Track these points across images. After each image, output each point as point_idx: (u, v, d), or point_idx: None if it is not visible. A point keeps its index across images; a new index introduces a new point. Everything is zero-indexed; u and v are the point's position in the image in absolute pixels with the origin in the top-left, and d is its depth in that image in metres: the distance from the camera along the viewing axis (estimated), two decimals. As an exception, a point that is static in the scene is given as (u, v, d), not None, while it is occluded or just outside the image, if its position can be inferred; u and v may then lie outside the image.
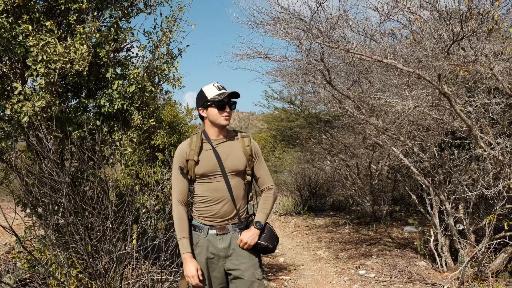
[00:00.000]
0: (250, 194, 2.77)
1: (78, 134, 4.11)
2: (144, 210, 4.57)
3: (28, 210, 4.26)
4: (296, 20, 4.64)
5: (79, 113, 4.32)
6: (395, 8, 4.41)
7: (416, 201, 6.32)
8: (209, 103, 2.62)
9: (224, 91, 2.62)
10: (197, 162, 2.60)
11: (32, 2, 4.05)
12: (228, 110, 2.61)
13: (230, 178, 2.62)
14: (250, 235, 2.61)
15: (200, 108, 2.68)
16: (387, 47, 4.49)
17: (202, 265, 2.60)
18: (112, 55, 4.48)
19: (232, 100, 2.66)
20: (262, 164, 2.78)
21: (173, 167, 2.67)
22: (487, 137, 4.52)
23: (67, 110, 4.36)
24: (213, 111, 2.62)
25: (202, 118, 2.72)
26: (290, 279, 5.89)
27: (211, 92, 2.62)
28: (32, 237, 4.40)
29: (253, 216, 2.74)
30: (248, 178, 2.72)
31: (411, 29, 4.52)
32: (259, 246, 2.64)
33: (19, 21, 3.93)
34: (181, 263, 3.96)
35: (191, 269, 2.52)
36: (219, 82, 2.69)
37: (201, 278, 2.54)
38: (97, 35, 4.08)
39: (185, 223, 2.62)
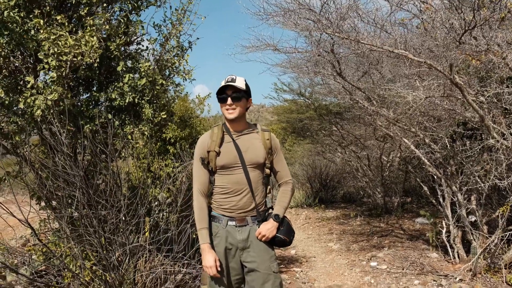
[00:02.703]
0: (269, 187, 2.77)
1: (90, 128, 4.14)
2: (156, 203, 4.60)
3: (42, 203, 4.32)
4: (306, 11, 4.61)
5: (91, 107, 4.35)
6: (406, -2, 4.36)
7: (428, 192, 6.27)
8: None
9: (227, 83, 2.57)
10: (218, 153, 2.61)
11: (43, -3, 4.07)
12: (229, 103, 2.57)
13: (250, 171, 2.63)
14: (268, 228, 2.62)
15: None
16: (398, 37, 4.45)
17: (220, 255, 2.61)
18: (122, 48, 4.50)
19: (235, 92, 2.57)
20: (281, 158, 2.77)
21: (194, 158, 2.69)
22: (500, 128, 4.47)
23: (79, 103, 4.39)
24: (219, 105, 2.65)
25: None
26: (301, 271, 5.91)
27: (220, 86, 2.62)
28: (47, 229, 4.46)
29: (271, 209, 2.74)
30: (267, 171, 2.72)
31: (422, 18, 4.46)
32: (277, 240, 2.65)
33: (31, 16, 3.95)
34: (193, 255, 4.02)
35: (209, 259, 2.52)
36: (232, 74, 2.64)
37: (219, 269, 2.55)
38: (107, 27, 4.10)
39: (205, 214, 2.63)
